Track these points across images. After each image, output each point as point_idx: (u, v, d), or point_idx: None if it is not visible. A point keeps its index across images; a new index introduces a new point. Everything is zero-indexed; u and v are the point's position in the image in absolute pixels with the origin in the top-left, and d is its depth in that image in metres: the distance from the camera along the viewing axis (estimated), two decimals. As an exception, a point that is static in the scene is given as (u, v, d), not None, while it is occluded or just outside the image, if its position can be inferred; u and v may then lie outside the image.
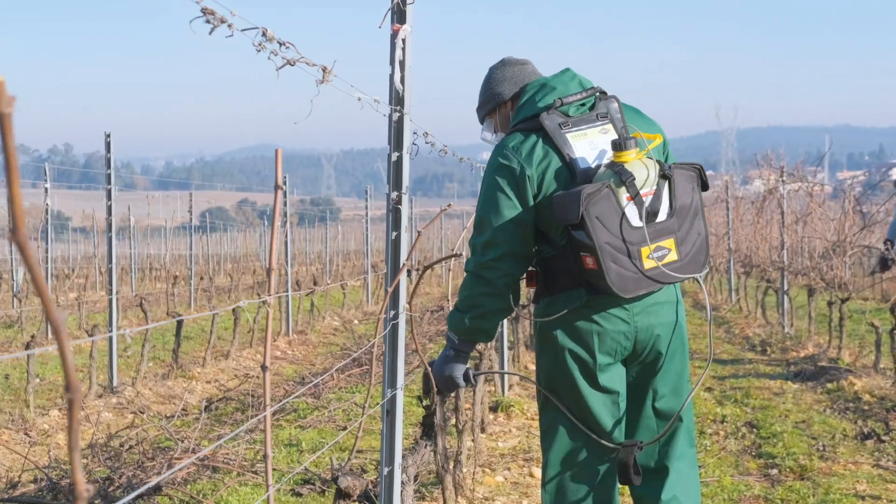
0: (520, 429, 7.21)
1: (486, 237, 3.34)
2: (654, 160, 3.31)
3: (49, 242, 13.22)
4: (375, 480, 3.66)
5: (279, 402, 2.63)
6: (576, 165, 3.33)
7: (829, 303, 10.89)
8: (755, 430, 7.25)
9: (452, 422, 5.39)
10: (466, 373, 3.51)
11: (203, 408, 7.54)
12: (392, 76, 3.25)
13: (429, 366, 3.53)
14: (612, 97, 3.48)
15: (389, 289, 3.16)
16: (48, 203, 12.97)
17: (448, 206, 3.20)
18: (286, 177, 14.73)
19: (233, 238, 42.37)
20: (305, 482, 5.66)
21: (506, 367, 8.02)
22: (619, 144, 3.26)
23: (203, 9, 2.00)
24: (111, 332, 8.88)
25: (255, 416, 2.25)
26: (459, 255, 3.27)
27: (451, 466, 4.80)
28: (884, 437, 6.79)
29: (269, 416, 2.10)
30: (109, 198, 8.75)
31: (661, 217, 3.28)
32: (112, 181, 8.66)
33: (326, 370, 9.62)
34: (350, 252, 38.86)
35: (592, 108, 3.44)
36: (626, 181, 3.22)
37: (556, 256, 3.38)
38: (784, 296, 13.23)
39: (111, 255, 8.86)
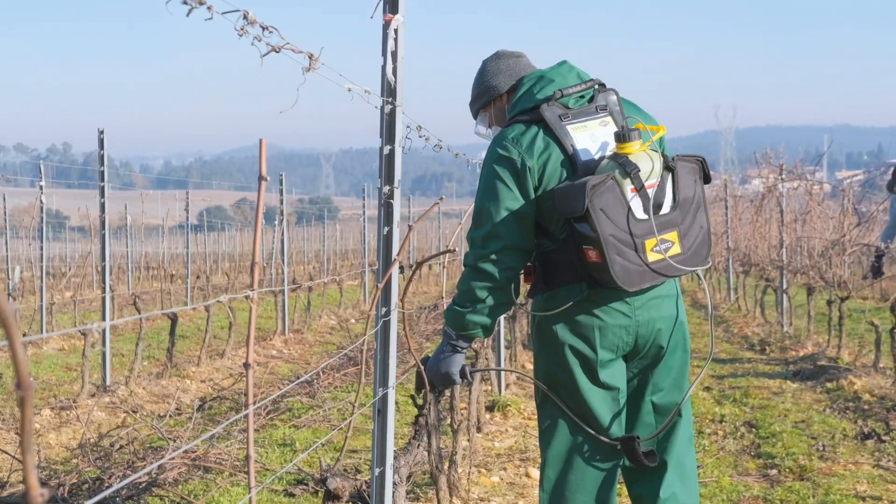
0: (516, 428, 7.14)
1: (487, 229, 3.27)
2: (658, 152, 3.25)
3: (43, 241, 13.14)
4: (369, 481, 3.59)
5: (262, 401, 2.56)
6: (577, 157, 3.27)
7: (829, 301, 10.82)
8: (754, 430, 7.18)
9: (448, 421, 5.31)
10: (463, 369, 3.44)
11: (196, 407, 7.46)
12: (384, 67, 3.17)
13: (422, 363, 3.45)
14: (611, 90, 3.42)
15: (380, 284, 3.08)
16: (43, 201, 12.88)
17: (441, 199, 3.12)
18: (282, 175, 14.65)
19: (231, 237, 42.28)
20: (299, 482, 5.59)
21: (503, 365, 7.95)
22: (623, 136, 3.20)
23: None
24: (105, 330, 8.81)
25: (237, 416, 2.17)
26: (454, 251, 3.19)
27: (446, 467, 4.73)
28: (884, 437, 6.72)
29: (252, 416, 2.03)
30: (103, 195, 8.67)
31: (665, 209, 3.23)
32: (106, 178, 8.58)
33: (321, 369, 9.54)
34: (348, 251, 38.82)
35: (591, 101, 3.38)
36: (631, 173, 3.16)
37: (556, 250, 3.32)
38: (783, 295, 13.17)
39: (105, 253, 8.78)
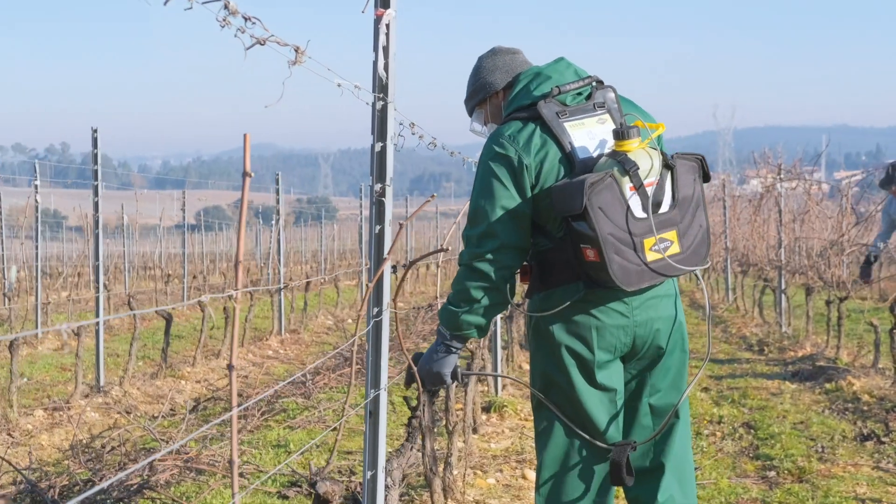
0: (513, 430, 7.08)
1: (482, 228, 3.22)
2: (658, 150, 3.20)
3: (39, 240, 13.08)
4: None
5: (252, 401, 2.52)
6: (575, 155, 3.23)
7: (828, 302, 10.77)
8: (753, 431, 7.12)
9: (443, 422, 5.25)
10: (455, 370, 3.38)
11: (190, 408, 7.40)
12: (375, 63, 3.12)
13: (414, 361, 3.39)
14: (609, 87, 3.37)
15: (370, 284, 3.02)
16: (38, 200, 12.82)
17: (432, 197, 3.07)
18: (278, 174, 14.59)
19: (228, 237, 42.24)
20: (292, 484, 5.52)
21: (499, 368, 7.89)
22: (622, 133, 3.15)
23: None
24: (98, 328, 8.75)
25: (222, 417, 2.11)
26: (447, 250, 3.13)
27: (441, 469, 4.67)
28: (884, 439, 6.66)
29: (236, 419, 1.97)
30: (97, 195, 8.61)
31: (664, 208, 3.19)
32: (99, 178, 8.52)
33: (317, 370, 9.48)
34: (346, 251, 38.75)
35: (589, 98, 3.33)
36: (630, 171, 3.11)
37: (553, 249, 3.27)
38: (781, 295, 13.11)
39: (98, 253, 8.72)
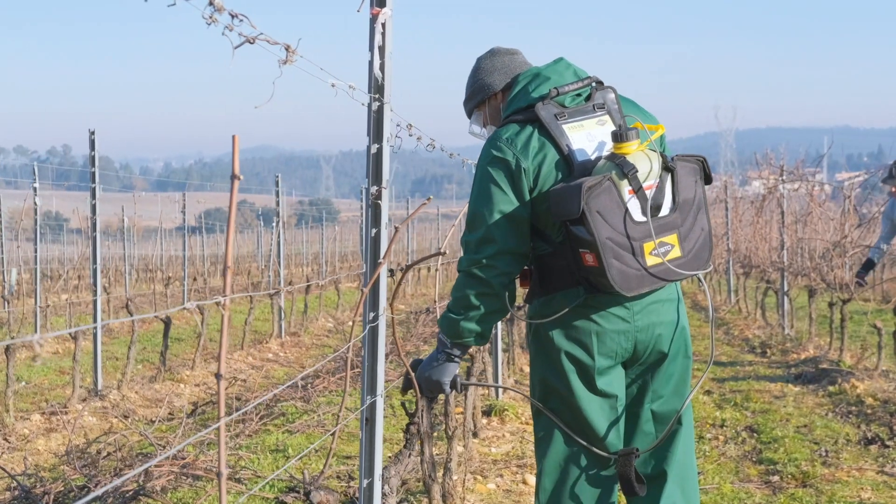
0: (514, 433, 7.01)
1: (481, 234, 3.17)
2: (657, 152, 3.14)
3: (38, 243, 13.02)
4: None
5: (245, 408, 2.47)
6: (573, 158, 3.17)
7: (830, 304, 10.70)
8: (755, 435, 7.05)
9: (443, 427, 5.19)
10: (454, 379, 3.31)
11: (188, 412, 7.33)
12: (371, 63, 3.06)
13: (412, 368, 3.33)
14: (609, 87, 3.31)
15: (365, 289, 2.96)
16: (37, 203, 12.77)
17: (428, 200, 3.01)
18: (278, 176, 14.53)
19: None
20: (290, 489, 5.46)
21: (500, 371, 7.83)
22: (620, 135, 3.10)
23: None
24: (97, 333, 8.69)
25: (210, 428, 2.05)
26: (444, 253, 3.07)
27: (440, 474, 4.60)
28: (888, 443, 6.59)
29: (224, 429, 1.91)
30: (94, 197, 8.55)
31: (664, 211, 3.13)
32: (97, 180, 8.46)
33: (317, 373, 9.42)
34: (347, 253, 38.68)
35: (589, 99, 3.27)
36: (629, 174, 3.05)
37: (552, 253, 3.22)
38: (784, 297, 13.05)
39: (95, 256, 8.66)
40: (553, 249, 3.23)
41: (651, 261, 3.10)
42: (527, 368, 9.09)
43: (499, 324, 7.76)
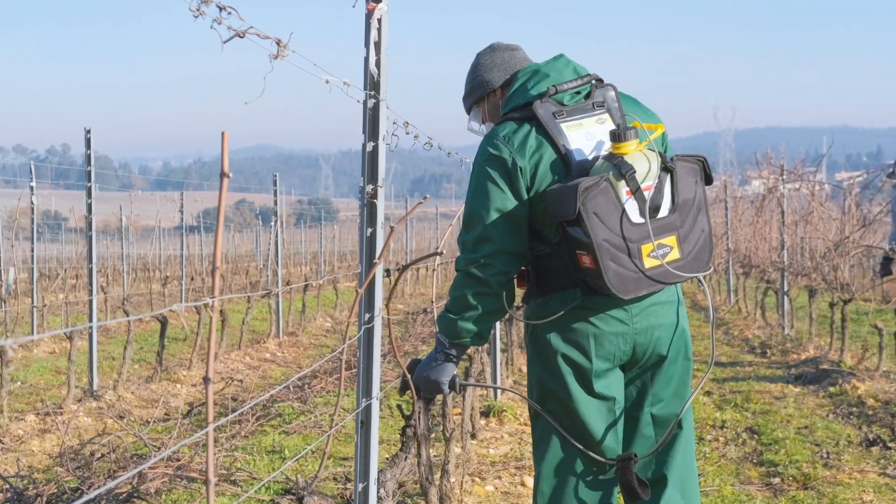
0: (512, 435, 6.95)
1: (477, 233, 3.11)
2: (656, 152, 3.09)
3: (35, 242, 12.96)
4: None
5: (238, 411, 2.42)
6: (571, 157, 3.11)
7: (831, 304, 10.64)
8: (756, 437, 7.00)
9: (440, 428, 5.13)
10: (453, 380, 3.26)
11: (183, 413, 7.27)
12: (367, 59, 3.00)
13: (409, 370, 3.27)
14: (609, 85, 3.25)
15: (360, 290, 2.90)
16: (34, 202, 12.70)
17: (425, 199, 2.95)
18: (276, 175, 14.48)
19: (229, 238, 42.14)
20: (286, 492, 5.40)
21: (498, 371, 7.77)
22: (619, 135, 3.04)
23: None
24: (92, 332, 8.63)
25: (200, 432, 1.99)
26: (441, 253, 3.02)
27: (437, 477, 4.54)
28: (890, 444, 6.54)
29: (212, 435, 1.85)
30: (90, 196, 8.49)
31: (663, 213, 3.07)
32: (93, 178, 8.40)
33: (314, 373, 9.36)
34: (346, 253, 38.63)
35: (588, 97, 3.22)
36: (626, 174, 3.00)
37: (550, 254, 3.16)
38: (784, 297, 13.00)
39: (92, 255, 8.60)
40: (550, 250, 3.18)
41: (649, 263, 3.04)
42: (525, 369, 9.02)
43: (497, 324, 7.70)
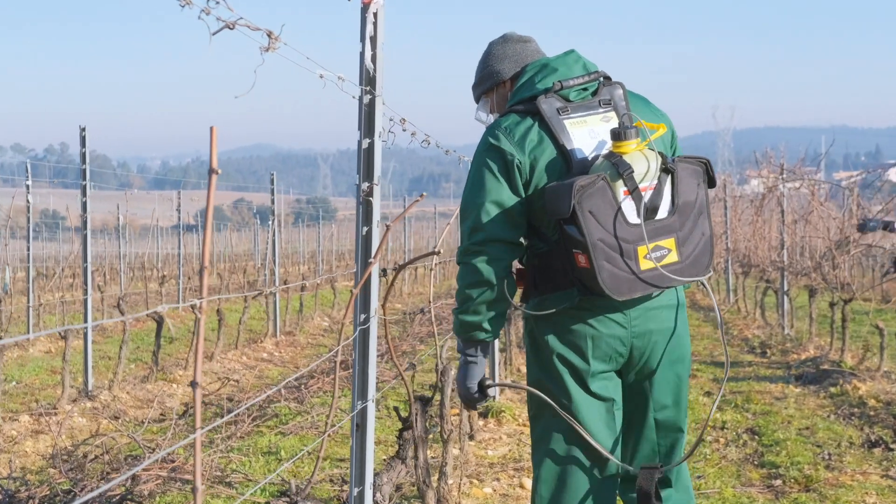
0: (511, 436, 6.89)
1: (471, 222, 3.09)
2: (656, 152, 3.03)
3: (30, 241, 12.89)
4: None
5: (236, 409, 2.37)
6: (572, 155, 3.06)
7: (831, 304, 10.58)
8: (757, 438, 6.94)
9: (438, 429, 5.07)
10: (482, 383, 3.21)
11: (179, 414, 7.21)
12: (362, 54, 2.94)
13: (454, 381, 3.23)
14: (617, 83, 3.20)
15: (356, 290, 2.84)
16: (30, 200, 12.64)
17: (421, 197, 2.90)
18: (273, 174, 14.41)
19: (227, 238, 42.09)
20: (282, 493, 5.33)
21: (497, 371, 7.71)
22: (619, 133, 2.99)
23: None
24: (87, 332, 8.57)
25: (190, 437, 1.93)
26: (439, 253, 2.96)
27: (434, 479, 4.48)
28: (892, 445, 6.48)
29: (200, 440, 1.78)
30: (85, 194, 8.42)
31: (662, 214, 3.01)
32: (87, 177, 8.33)
33: (311, 373, 9.30)
34: (344, 252, 38.60)
35: (595, 94, 3.16)
36: (624, 174, 2.94)
37: (549, 253, 3.11)
38: (784, 296, 12.94)
39: (86, 254, 8.53)
40: (549, 248, 3.14)
41: (644, 265, 2.99)
42: (524, 369, 8.96)
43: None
